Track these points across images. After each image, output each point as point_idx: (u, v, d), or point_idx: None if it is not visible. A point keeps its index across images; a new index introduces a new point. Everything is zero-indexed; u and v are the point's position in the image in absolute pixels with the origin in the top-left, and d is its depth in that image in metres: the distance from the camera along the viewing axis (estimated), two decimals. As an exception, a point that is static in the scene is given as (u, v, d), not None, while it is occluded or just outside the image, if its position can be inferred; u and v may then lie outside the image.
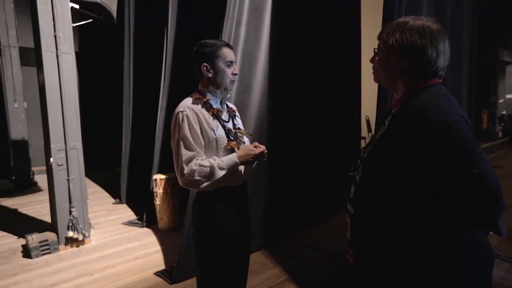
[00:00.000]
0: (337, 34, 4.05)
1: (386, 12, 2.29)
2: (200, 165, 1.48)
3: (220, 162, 1.51)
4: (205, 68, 1.58)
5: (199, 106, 1.57)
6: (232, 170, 1.54)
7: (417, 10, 2.49)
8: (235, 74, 1.62)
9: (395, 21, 1.11)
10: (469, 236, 0.99)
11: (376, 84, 1.36)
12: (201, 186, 1.51)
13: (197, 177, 1.48)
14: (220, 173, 1.50)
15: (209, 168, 1.49)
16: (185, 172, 1.49)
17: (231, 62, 1.60)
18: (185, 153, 1.50)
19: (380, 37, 1.15)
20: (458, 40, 3.21)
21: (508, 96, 14.04)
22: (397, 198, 1.01)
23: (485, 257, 1.01)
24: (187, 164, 1.49)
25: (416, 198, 0.98)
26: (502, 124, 12.64)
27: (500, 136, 12.02)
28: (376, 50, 1.16)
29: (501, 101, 13.67)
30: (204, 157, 1.53)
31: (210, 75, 1.59)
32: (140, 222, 4.13)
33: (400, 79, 1.10)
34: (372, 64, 1.19)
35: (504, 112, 13.11)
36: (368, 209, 1.09)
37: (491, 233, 1.04)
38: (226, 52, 1.58)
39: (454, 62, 3.03)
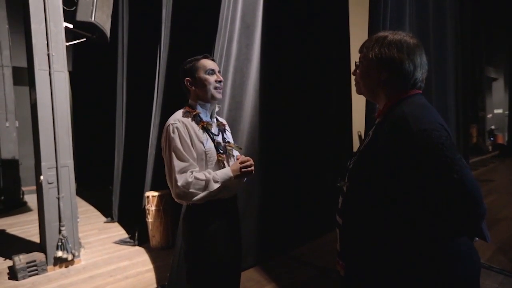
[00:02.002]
0: (326, 50, 4.14)
1: (372, 28, 2.38)
2: (196, 178, 1.49)
3: (215, 176, 1.52)
4: (188, 83, 1.64)
5: (189, 119, 1.59)
6: (225, 184, 1.55)
7: (400, 27, 2.58)
8: (220, 81, 1.64)
9: (375, 35, 1.16)
10: (456, 243, 1.00)
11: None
12: (194, 199, 1.50)
13: (191, 190, 1.48)
14: (215, 186, 1.50)
15: (204, 181, 1.49)
16: (179, 184, 1.48)
17: (212, 70, 1.63)
18: (178, 164, 1.50)
19: (361, 51, 1.19)
20: (443, 57, 3.31)
21: (496, 111, 14.32)
22: (382, 207, 1.02)
23: (472, 264, 1.03)
24: (180, 174, 1.49)
25: (401, 207, 1.00)
26: (491, 138, 12.85)
27: (490, 150, 12.17)
28: (357, 63, 1.21)
29: (489, 116, 13.95)
30: (197, 169, 1.54)
31: (194, 87, 1.64)
32: (131, 241, 4.05)
33: (381, 91, 1.14)
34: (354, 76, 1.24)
35: (493, 127, 13.33)
36: (355, 219, 1.11)
37: (477, 239, 1.05)
38: (205, 62, 1.63)
39: (440, 78, 3.11)
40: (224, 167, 1.61)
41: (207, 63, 1.63)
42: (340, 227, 1.17)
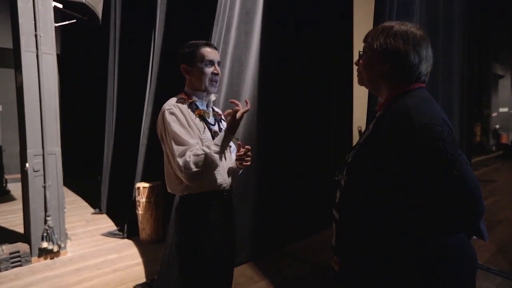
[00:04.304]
0: (329, 41, 4.06)
1: (377, 19, 2.31)
2: (194, 155, 1.41)
3: (212, 145, 1.45)
4: (184, 70, 1.59)
5: (185, 105, 1.55)
6: (225, 145, 1.48)
7: (408, 21, 2.50)
8: (216, 74, 1.58)
9: (381, 25, 1.14)
10: (452, 241, 0.99)
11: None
12: (203, 175, 1.44)
13: (194, 168, 1.40)
14: (216, 157, 1.44)
15: (203, 155, 1.41)
16: (182, 167, 1.41)
17: (211, 61, 1.57)
18: (177, 149, 1.44)
19: (365, 40, 1.17)
20: (449, 52, 3.26)
21: (501, 109, 13.96)
22: (381, 202, 1.01)
23: (468, 262, 1.02)
24: (181, 158, 1.43)
25: (399, 202, 0.98)
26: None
27: (493, 149, 12.05)
28: (361, 53, 1.18)
29: (494, 114, 13.62)
30: (197, 147, 1.46)
31: (189, 76, 1.59)
32: (120, 233, 3.96)
33: (383, 82, 1.13)
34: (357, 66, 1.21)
35: (497, 126, 13.08)
36: (352, 213, 1.09)
37: (475, 237, 1.04)
38: (205, 52, 1.56)
39: (446, 74, 3.07)
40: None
41: (207, 52, 1.56)
42: (336, 222, 1.15)
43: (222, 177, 1.58)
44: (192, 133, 1.49)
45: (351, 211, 1.09)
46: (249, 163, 1.64)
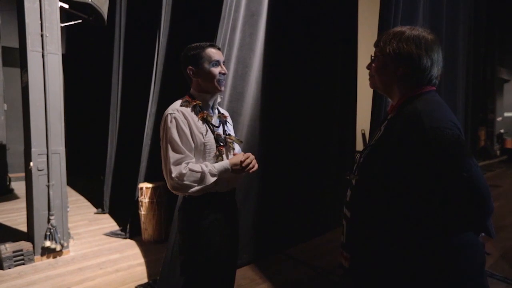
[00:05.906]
0: (333, 44, 4.04)
1: (382, 23, 2.31)
2: (191, 170, 1.45)
3: (212, 168, 1.48)
4: (191, 72, 1.58)
5: (189, 109, 1.55)
6: (222, 177, 1.51)
7: (412, 24, 2.50)
8: (223, 74, 1.59)
9: (392, 30, 1.17)
10: (461, 238, 1.01)
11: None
12: (190, 191, 1.47)
13: (186, 182, 1.44)
14: (211, 180, 1.47)
15: (200, 173, 1.45)
16: (173, 175, 1.44)
17: (217, 62, 1.58)
18: (173, 156, 1.46)
19: (377, 45, 1.19)
20: (454, 55, 3.24)
21: (506, 114, 13.70)
22: (391, 202, 1.04)
23: (476, 258, 1.04)
24: (175, 166, 1.45)
25: (409, 202, 1.02)
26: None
27: (498, 154, 11.82)
28: (373, 57, 1.21)
29: (499, 119, 13.31)
30: (193, 160, 1.50)
31: (196, 77, 1.58)
32: (123, 233, 3.95)
33: (396, 86, 1.16)
34: (368, 71, 1.24)
35: (502, 130, 12.85)
36: (363, 212, 1.12)
37: (483, 234, 1.06)
38: (210, 53, 1.57)
39: (450, 77, 3.05)
40: (222, 160, 1.56)
41: (213, 53, 1.57)
42: (347, 220, 1.18)
43: (225, 179, 1.57)
44: (191, 143, 1.49)
45: (362, 209, 1.12)
46: (255, 168, 1.58)
